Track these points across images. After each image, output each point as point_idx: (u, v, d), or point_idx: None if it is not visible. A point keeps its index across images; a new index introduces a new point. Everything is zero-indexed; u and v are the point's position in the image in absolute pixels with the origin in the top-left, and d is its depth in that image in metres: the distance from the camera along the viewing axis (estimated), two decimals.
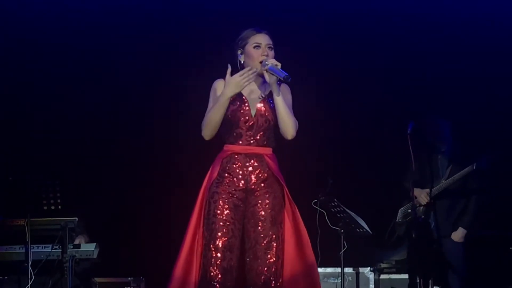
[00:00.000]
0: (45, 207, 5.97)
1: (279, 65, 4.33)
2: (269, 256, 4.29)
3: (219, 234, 4.30)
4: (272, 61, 4.34)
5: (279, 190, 4.41)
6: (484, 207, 6.29)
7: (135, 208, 7.12)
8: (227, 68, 4.35)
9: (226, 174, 4.39)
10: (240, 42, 4.48)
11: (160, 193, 7.03)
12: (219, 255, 4.28)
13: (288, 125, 4.40)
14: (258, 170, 4.38)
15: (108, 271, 6.61)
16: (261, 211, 4.34)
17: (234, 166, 4.38)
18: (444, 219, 6.06)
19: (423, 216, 6.01)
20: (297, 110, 7.21)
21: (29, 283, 5.73)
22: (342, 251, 6.04)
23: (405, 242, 6.26)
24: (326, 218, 6.08)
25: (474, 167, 5.90)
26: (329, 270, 6.60)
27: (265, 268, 4.29)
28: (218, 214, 4.33)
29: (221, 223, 4.32)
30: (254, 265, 4.31)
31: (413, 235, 5.62)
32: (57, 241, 5.94)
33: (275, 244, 4.31)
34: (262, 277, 4.28)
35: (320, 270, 6.54)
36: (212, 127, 4.36)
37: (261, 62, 4.39)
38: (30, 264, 5.77)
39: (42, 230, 5.97)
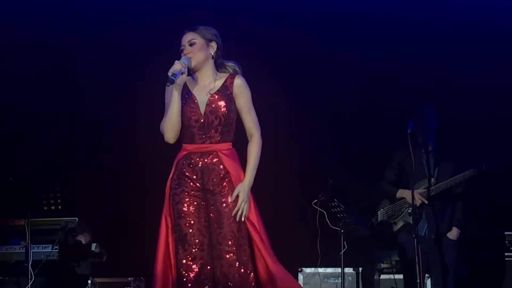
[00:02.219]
0: (45, 207, 5.97)
1: (176, 67, 4.31)
2: (230, 255, 4.30)
3: (186, 235, 4.31)
4: (171, 69, 4.33)
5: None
6: (478, 207, 6.29)
7: (135, 208, 7.12)
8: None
9: (183, 176, 4.38)
10: None
11: (161, 193, 7.02)
12: (189, 255, 4.30)
13: None
14: (213, 169, 4.37)
15: (108, 271, 6.62)
16: (220, 210, 4.33)
17: (190, 166, 4.38)
18: (438, 219, 6.05)
19: (416, 217, 5.98)
20: (298, 110, 7.28)
21: (29, 283, 5.73)
22: (342, 251, 6.03)
23: (400, 242, 6.24)
24: (326, 218, 6.08)
25: (484, 169, 5.87)
26: (329, 270, 6.59)
27: (228, 267, 4.29)
28: (182, 215, 4.34)
29: (187, 224, 4.33)
30: (218, 265, 4.32)
31: (413, 235, 5.61)
32: (57, 241, 5.94)
33: (235, 241, 4.30)
34: (228, 276, 4.29)
35: (320, 270, 6.55)
36: (170, 126, 4.36)
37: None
38: (30, 264, 5.76)
39: (42, 230, 5.97)
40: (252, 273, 4.32)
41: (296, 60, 7.38)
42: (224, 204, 4.35)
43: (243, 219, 4.32)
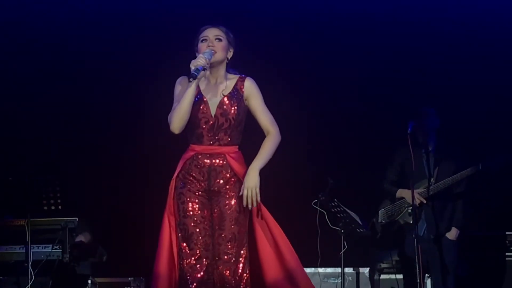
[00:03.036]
0: (45, 207, 5.98)
1: (200, 62, 4.24)
2: (228, 256, 4.31)
3: (192, 234, 4.32)
4: (195, 63, 4.25)
5: None
6: (478, 207, 6.29)
7: (135, 208, 7.12)
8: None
9: (189, 176, 4.38)
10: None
11: (161, 192, 7.01)
12: (194, 255, 4.30)
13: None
14: (221, 171, 4.37)
15: (108, 271, 6.62)
16: (223, 212, 4.34)
17: (197, 167, 4.37)
18: (437, 219, 6.06)
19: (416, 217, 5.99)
20: (298, 110, 7.28)
21: (29, 283, 5.73)
22: (342, 251, 6.03)
23: (398, 242, 6.24)
24: (326, 218, 6.08)
25: (479, 168, 5.89)
26: (329, 270, 6.60)
27: (225, 268, 4.31)
28: (188, 215, 4.34)
29: (192, 224, 4.33)
30: (215, 264, 4.33)
31: (413, 235, 5.61)
32: (57, 241, 5.94)
33: (234, 244, 4.31)
34: (223, 276, 4.31)
35: (320, 270, 6.55)
36: (180, 116, 4.30)
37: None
38: (30, 264, 5.77)
39: (42, 230, 5.97)
40: (247, 277, 4.34)
41: (296, 60, 7.37)
42: (227, 206, 4.36)
43: (255, 205, 4.31)
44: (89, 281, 6.19)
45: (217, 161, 4.37)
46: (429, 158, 6.11)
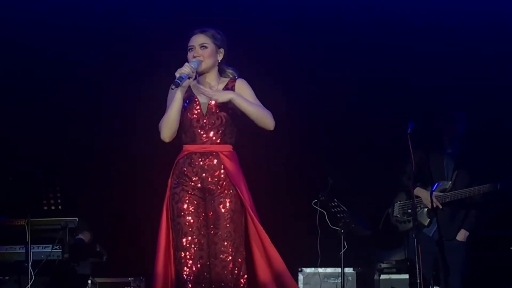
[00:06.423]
0: (45, 207, 5.98)
1: (184, 70, 4.29)
2: (225, 255, 4.33)
3: (186, 234, 4.34)
4: (180, 71, 4.30)
5: (237, 190, 4.41)
6: (491, 212, 6.27)
7: (135, 208, 7.12)
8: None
9: (183, 175, 4.41)
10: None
11: (161, 192, 7.01)
12: (188, 254, 4.31)
13: (261, 120, 4.40)
14: (214, 170, 4.40)
15: (108, 271, 6.62)
16: (218, 210, 4.36)
17: (190, 166, 4.40)
18: (448, 222, 6.03)
19: (429, 219, 5.98)
20: (297, 109, 7.27)
21: (29, 283, 5.73)
22: (342, 251, 6.03)
23: (405, 240, 6.22)
24: (326, 218, 6.08)
25: (498, 187, 5.84)
26: (329, 270, 6.59)
27: (222, 267, 4.32)
28: (182, 215, 4.36)
29: (186, 223, 4.35)
30: (213, 264, 4.34)
31: (414, 235, 5.58)
32: (57, 241, 5.94)
33: (231, 242, 4.32)
34: (221, 276, 4.32)
35: (320, 270, 6.55)
36: (169, 125, 4.37)
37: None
38: (30, 264, 5.77)
39: (42, 230, 5.97)
40: (245, 275, 4.35)
41: (296, 60, 7.37)
42: (221, 205, 4.38)
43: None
44: (89, 281, 6.19)
45: (210, 159, 4.40)
46: (449, 161, 6.07)
